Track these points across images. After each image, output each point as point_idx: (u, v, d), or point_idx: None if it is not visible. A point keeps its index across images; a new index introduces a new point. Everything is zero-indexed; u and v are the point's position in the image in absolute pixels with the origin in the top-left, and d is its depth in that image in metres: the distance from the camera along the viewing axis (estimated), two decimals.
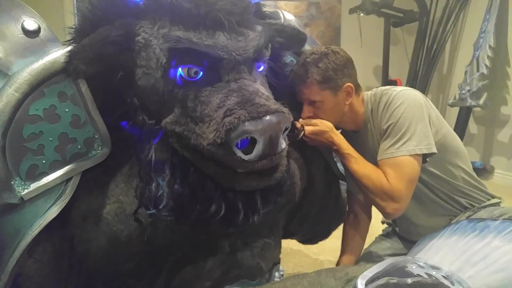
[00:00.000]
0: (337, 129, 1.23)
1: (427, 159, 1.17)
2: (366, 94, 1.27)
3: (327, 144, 1.19)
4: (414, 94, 1.19)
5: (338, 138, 1.18)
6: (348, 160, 1.17)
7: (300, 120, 1.18)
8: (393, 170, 1.12)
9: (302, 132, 1.14)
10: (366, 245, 1.47)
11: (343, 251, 1.39)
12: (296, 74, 1.17)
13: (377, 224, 1.60)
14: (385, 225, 1.62)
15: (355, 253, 1.39)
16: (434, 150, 1.13)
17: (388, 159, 1.14)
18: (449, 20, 3.67)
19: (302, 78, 1.16)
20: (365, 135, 1.27)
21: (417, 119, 1.13)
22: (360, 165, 1.16)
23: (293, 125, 1.10)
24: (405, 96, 1.17)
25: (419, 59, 3.82)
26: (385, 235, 1.54)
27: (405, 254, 1.35)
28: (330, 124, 1.17)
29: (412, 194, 1.16)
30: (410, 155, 1.11)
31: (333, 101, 1.18)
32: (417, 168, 1.13)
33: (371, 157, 1.21)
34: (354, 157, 1.17)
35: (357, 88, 1.23)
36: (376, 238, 1.56)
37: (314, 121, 1.17)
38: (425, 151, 1.12)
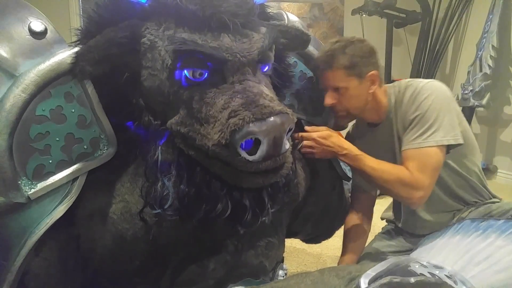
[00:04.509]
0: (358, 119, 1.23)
1: (450, 151, 1.17)
2: (389, 87, 1.27)
3: (334, 150, 1.16)
4: (440, 86, 1.20)
5: (346, 142, 1.18)
6: (362, 161, 1.16)
7: (305, 128, 1.17)
8: (417, 160, 1.13)
9: (301, 144, 1.14)
10: (366, 244, 1.47)
11: (344, 251, 1.39)
12: (322, 61, 1.18)
13: (378, 222, 1.60)
14: (384, 222, 1.61)
15: (357, 253, 1.38)
16: (461, 141, 1.14)
17: (414, 149, 1.14)
18: (452, 21, 3.65)
19: (328, 64, 1.17)
20: (386, 128, 1.27)
21: (444, 111, 1.14)
22: (376, 162, 1.16)
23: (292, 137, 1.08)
24: (433, 88, 1.18)
25: (421, 60, 3.81)
26: (386, 232, 1.54)
27: (407, 251, 1.35)
28: (336, 132, 1.17)
29: None
30: (437, 146, 1.12)
31: (358, 88, 1.19)
32: (441, 159, 1.14)
33: (389, 150, 1.21)
34: (368, 156, 1.17)
35: (381, 79, 1.24)
36: (376, 236, 1.56)
37: (319, 128, 1.17)
38: (452, 142, 1.13)
